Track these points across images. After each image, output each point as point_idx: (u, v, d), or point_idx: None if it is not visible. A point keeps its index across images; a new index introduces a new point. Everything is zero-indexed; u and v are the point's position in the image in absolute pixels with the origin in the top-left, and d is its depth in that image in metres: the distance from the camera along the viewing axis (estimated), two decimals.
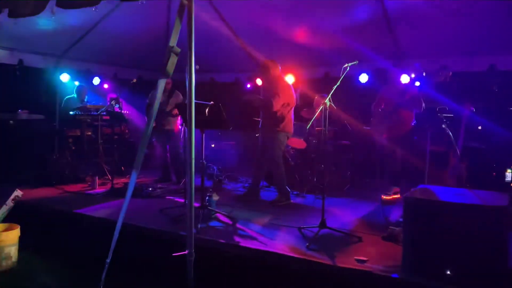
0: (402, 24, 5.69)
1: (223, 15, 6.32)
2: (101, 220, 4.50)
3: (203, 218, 4.44)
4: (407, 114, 5.20)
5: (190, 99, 3.00)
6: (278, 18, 6.14)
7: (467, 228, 2.95)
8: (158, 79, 3.06)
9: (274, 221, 4.62)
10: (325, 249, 3.67)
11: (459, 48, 5.94)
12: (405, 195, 3.34)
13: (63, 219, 4.84)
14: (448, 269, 2.94)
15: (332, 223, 4.23)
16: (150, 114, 3.25)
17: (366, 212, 5.11)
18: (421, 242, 3.11)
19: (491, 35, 5.43)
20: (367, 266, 3.25)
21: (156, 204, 5.21)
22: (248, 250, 3.67)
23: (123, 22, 6.36)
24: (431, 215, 3.08)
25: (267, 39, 6.61)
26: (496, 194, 3.42)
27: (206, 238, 3.90)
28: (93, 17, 6.12)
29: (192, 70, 2.97)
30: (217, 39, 6.72)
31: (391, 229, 3.97)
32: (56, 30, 6.13)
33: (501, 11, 4.85)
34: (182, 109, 4.92)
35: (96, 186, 6.27)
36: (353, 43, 6.22)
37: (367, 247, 3.77)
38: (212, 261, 3.61)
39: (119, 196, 5.56)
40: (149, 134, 3.10)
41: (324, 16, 5.85)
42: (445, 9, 5.11)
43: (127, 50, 7.41)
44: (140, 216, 4.54)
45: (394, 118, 5.22)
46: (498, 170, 5.63)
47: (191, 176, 3.05)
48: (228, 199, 5.69)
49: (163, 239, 4.03)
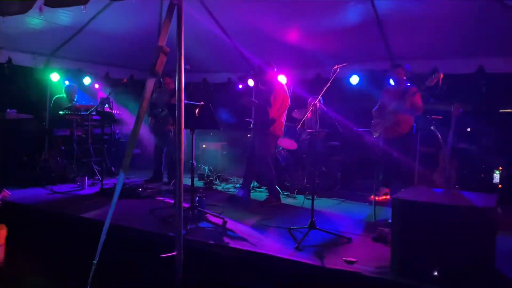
0: (393, 26, 5.72)
1: (215, 16, 6.31)
2: (89, 221, 4.47)
3: (192, 219, 4.43)
4: (404, 117, 5.22)
5: (179, 99, 2.99)
6: (270, 19, 6.14)
7: (455, 229, 2.97)
8: (147, 79, 3.04)
9: (264, 221, 4.62)
10: (314, 250, 3.67)
11: (448, 50, 5.99)
12: (393, 196, 3.35)
13: (52, 219, 4.79)
14: (436, 270, 2.96)
15: (322, 224, 4.24)
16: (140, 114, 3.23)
17: (355, 213, 5.13)
18: (409, 243, 3.13)
19: (479, 38, 5.47)
20: (356, 267, 3.26)
21: (146, 205, 5.19)
22: (237, 251, 3.66)
23: (115, 21, 6.31)
24: (419, 216, 3.10)
25: (259, 39, 6.61)
26: (484, 195, 3.44)
27: (196, 239, 3.89)
28: (83, 16, 6.06)
29: (181, 70, 2.95)
30: (209, 40, 6.70)
31: (380, 230, 3.98)
32: (45, 28, 6.07)
33: (489, 14, 4.90)
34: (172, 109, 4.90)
35: (85, 187, 6.22)
36: (345, 44, 6.25)
37: (356, 248, 3.78)
38: (201, 262, 3.60)
39: (108, 196, 5.52)
40: (137, 134, 3.07)
41: (316, 18, 5.86)
42: (435, 12, 5.15)
43: (118, 50, 7.36)
44: (129, 217, 4.52)
45: (392, 120, 5.25)
46: (486, 172, 5.68)
47: (180, 176, 3.03)
48: (219, 199, 5.68)
49: (152, 240, 4.01)
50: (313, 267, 3.31)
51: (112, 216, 3.14)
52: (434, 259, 3.00)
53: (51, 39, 6.72)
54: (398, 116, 5.20)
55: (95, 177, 6.74)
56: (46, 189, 6.04)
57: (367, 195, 5.85)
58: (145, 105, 2.98)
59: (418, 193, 3.57)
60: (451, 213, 3.01)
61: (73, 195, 5.82)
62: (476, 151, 5.78)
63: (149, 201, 5.52)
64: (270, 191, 5.58)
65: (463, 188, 5.51)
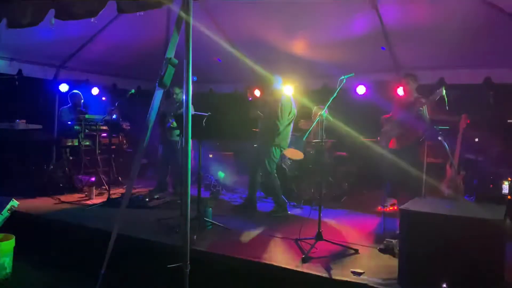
0: (399, 36, 5.74)
1: (222, 27, 6.37)
2: (97, 231, 4.48)
3: (199, 229, 4.43)
4: (412, 127, 5.21)
5: (187, 110, 3.02)
6: (277, 30, 6.19)
7: (463, 240, 2.94)
8: (155, 90, 3.08)
9: (271, 232, 4.60)
10: (321, 261, 3.65)
11: (455, 61, 5.99)
12: (401, 207, 3.33)
13: (59, 229, 4.81)
14: (444, 282, 2.93)
15: (329, 235, 4.23)
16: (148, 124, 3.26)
17: (363, 224, 5.09)
18: (417, 254, 3.10)
19: (486, 48, 5.47)
20: (363, 279, 3.23)
21: (152, 215, 5.20)
22: (244, 261, 3.65)
23: (123, 32, 6.39)
24: (427, 227, 3.09)
25: (265, 50, 6.65)
26: (492, 207, 3.42)
27: (202, 249, 3.88)
28: (92, 27, 6.15)
29: (189, 82, 2.99)
30: (216, 50, 6.75)
31: (388, 241, 3.95)
32: (55, 40, 6.15)
33: (496, 24, 4.90)
34: (179, 120, 4.94)
35: (93, 197, 6.24)
36: (351, 55, 6.27)
37: (363, 259, 3.76)
38: (208, 273, 3.59)
39: (116, 206, 5.53)
40: (145, 144, 3.10)
41: (322, 29, 5.90)
42: (441, 22, 5.16)
43: (126, 61, 7.44)
44: (136, 227, 4.53)
45: (399, 130, 5.24)
46: (495, 182, 5.63)
47: (187, 187, 3.04)
48: (225, 210, 5.67)
49: (159, 250, 4.01)
50: (321, 278, 3.29)
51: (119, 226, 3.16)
52: (443, 270, 2.97)
53: (60, 51, 6.82)
54: (406, 126, 5.18)
55: (103, 187, 6.76)
56: (53, 199, 6.07)
57: (374, 206, 5.81)
58: (153, 115, 3.02)
59: (425, 204, 3.55)
60: (460, 225, 2.99)
61: (81, 205, 5.84)
62: (484, 162, 5.74)
63: (156, 211, 5.53)
64: (276, 202, 5.57)
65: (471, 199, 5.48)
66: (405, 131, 5.26)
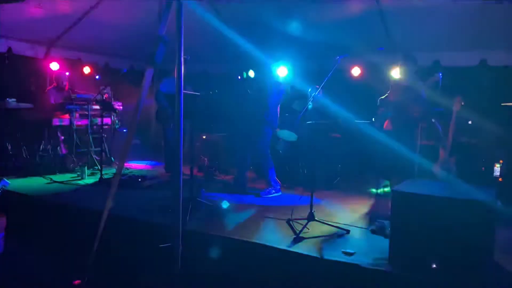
0: (396, 18, 5.67)
1: (215, 6, 6.26)
2: (89, 211, 4.47)
3: (191, 210, 4.42)
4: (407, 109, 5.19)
5: (178, 90, 2.97)
6: (271, 10, 6.09)
7: (454, 221, 2.96)
8: (146, 69, 3.03)
9: (263, 213, 4.62)
10: (313, 241, 3.67)
11: (451, 43, 5.95)
12: (393, 188, 3.34)
13: (51, 209, 4.80)
14: (434, 262, 2.96)
15: (321, 215, 4.24)
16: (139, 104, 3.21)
17: (355, 205, 5.11)
18: (408, 235, 3.12)
19: (482, 30, 5.43)
20: (354, 259, 3.26)
21: (146, 195, 5.18)
22: (236, 241, 3.66)
23: (115, 10, 6.26)
24: (418, 209, 3.10)
25: (260, 31, 6.55)
26: (484, 188, 3.43)
27: (194, 229, 3.89)
28: (83, 5, 6.02)
29: (180, 60, 2.94)
30: (209, 31, 6.64)
31: (379, 222, 3.98)
32: (46, 17, 6.02)
33: (492, 6, 4.85)
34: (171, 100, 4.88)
35: (85, 176, 6.22)
36: (346, 36, 6.19)
37: (355, 240, 3.79)
38: (200, 253, 3.60)
39: (107, 186, 5.50)
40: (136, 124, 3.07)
41: (317, 8, 5.81)
42: (438, 4, 5.10)
43: (118, 39, 7.31)
44: (129, 207, 4.53)
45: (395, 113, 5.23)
46: (487, 165, 5.66)
47: (179, 167, 3.03)
48: (218, 190, 5.67)
49: (151, 230, 4.01)
50: (312, 258, 3.32)
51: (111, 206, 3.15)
52: (433, 251, 3.00)
53: (51, 28, 6.67)
54: (402, 108, 5.16)
55: (95, 166, 6.73)
56: (45, 179, 6.03)
57: (367, 188, 5.84)
58: (144, 94, 2.98)
59: (418, 185, 3.56)
60: (451, 206, 3.01)
61: (73, 184, 5.81)
62: (477, 144, 5.76)
63: (149, 191, 5.52)
64: (268, 182, 5.58)
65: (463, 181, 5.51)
66: (401, 113, 5.24)
